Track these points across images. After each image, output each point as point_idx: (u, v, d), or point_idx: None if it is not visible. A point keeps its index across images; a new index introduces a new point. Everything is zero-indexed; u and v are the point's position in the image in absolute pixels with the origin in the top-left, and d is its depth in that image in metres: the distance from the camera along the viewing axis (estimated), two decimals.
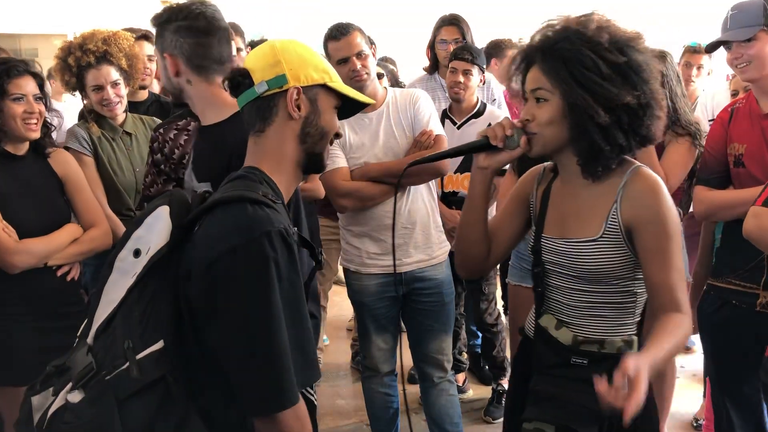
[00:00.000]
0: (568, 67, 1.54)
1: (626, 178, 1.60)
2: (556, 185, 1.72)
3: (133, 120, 3.00)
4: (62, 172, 2.47)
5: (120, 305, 1.28)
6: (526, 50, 1.65)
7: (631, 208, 1.58)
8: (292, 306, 1.27)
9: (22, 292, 2.32)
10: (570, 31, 1.57)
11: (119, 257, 1.32)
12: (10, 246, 2.23)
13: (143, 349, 1.24)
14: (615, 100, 1.52)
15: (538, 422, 1.62)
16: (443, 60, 3.69)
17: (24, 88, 2.30)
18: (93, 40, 2.81)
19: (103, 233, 2.50)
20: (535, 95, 1.60)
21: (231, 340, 1.24)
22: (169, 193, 1.38)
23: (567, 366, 1.61)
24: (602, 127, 1.53)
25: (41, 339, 2.32)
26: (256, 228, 1.24)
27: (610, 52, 1.54)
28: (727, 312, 2.33)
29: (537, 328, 1.70)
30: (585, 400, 1.55)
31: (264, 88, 1.39)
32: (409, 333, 2.85)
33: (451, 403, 2.83)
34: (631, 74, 1.55)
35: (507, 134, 1.60)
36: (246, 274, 1.23)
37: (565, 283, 1.68)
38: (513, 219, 1.78)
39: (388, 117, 2.66)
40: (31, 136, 2.35)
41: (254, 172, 1.40)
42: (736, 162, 2.31)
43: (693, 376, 3.86)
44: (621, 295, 1.64)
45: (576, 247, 1.62)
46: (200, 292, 1.25)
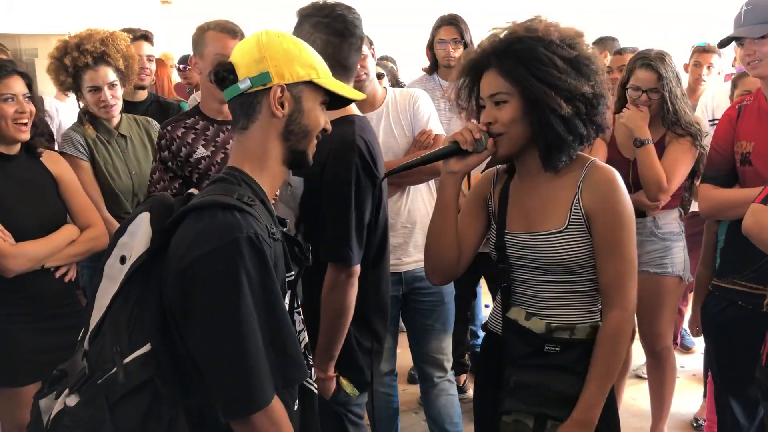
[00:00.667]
0: (525, 66, 1.60)
1: (585, 171, 1.68)
2: (515, 183, 1.77)
3: (128, 121, 2.95)
4: (56, 172, 2.45)
5: (107, 311, 1.31)
6: (474, 59, 1.70)
7: (591, 197, 1.65)
8: (267, 309, 1.28)
9: (20, 294, 2.30)
10: (519, 33, 1.64)
11: (107, 264, 1.35)
12: (6, 250, 2.21)
13: (130, 353, 1.26)
14: (574, 91, 1.60)
15: (517, 413, 1.67)
16: (442, 60, 3.69)
17: (13, 88, 2.28)
18: (91, 40, 2.76)
19: (100, 234, 2.48)
20: (493, 99, 1.65)
21: (202, 344, 1.26)
22: (151, 199, 1.40)
23: (540, 354, 1.66)
24: (564, 118, 1.61)
25: (39, 340, 2.32)
26: (225, 235, 1.25)
27: (561, 48, 1.62)
28: (732, 313, 2.32)
29: (506, 321, 1.74)
30: (561, 386, 1.65)
31: (247, 84, 1.37)
32: (409, 333, 2.85)
33: (450, 403, 2.83)
34: (583, 67, 1.63)
35: (475, 137, 1.64)
36: (214, 280, 1.24)
37: (532, 276, 1.72)
38: (475, 221, 1.82)
39: (388, 117, 2.66)
40: (21, 138, 2.32)
41: (234, 173, 1.39)
42: (743, 160, 2.28)
43: (693, 376, 3.86)
44: (586, 284, 1.70)
45: (542, 240, 1.67)
46: (174, 298, 1.27)
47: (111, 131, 2.86)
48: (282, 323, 1.31)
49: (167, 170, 2.36)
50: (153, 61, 3.70)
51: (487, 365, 1.86)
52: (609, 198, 1.64)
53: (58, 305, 2.40)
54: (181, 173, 2.35)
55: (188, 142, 2.34)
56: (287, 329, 1.32)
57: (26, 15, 6.67)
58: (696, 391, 3.62)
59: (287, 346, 1.31)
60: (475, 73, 1.70)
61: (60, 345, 2.30)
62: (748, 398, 2.33)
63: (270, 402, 1.28)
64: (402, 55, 5.51)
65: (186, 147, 2.33)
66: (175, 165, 2.34)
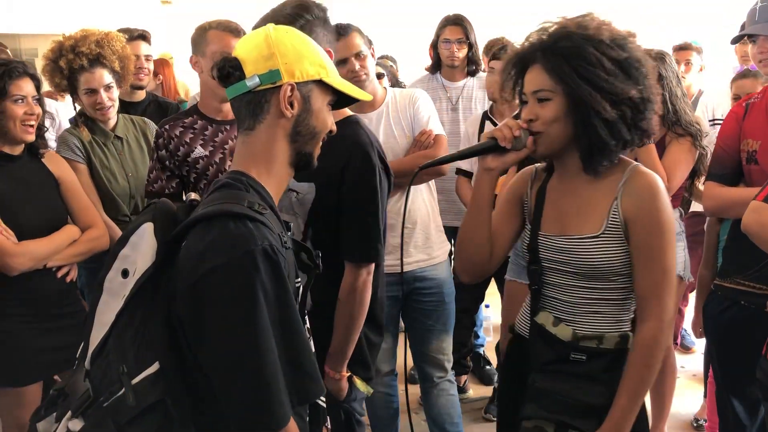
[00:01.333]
0: (571, 64, 1.55)
1: (626, 175, 1.62)
2: (553, 183, 1.72)
3: (124, 122, 2.93)
4: (58, 172, 2.46)
5: (111, 328, 1.25)
6: (521, 53, 1.65)
7: (630, 203, 1.59)
8: (283, 323, 1.22)
9: (21, 294, 2.31)
10: (570, 30, 1.58)
11: (108, 278, 1.27)
12: (9, 248, 2.22)
13: (138, 373, 1.20)
14: (620, 94, 1.54)
15: (538, 420, 1.63)
16: (446, 59, 3.70)
17: (24, 89, 2.29)
18: (86, 42, 2.73)
19: (101, 234, 2.49)
20: (536, 96, 1.60)
21: (217, 362, 1.20)
22: (152, 207, 1.31)
23: (566, 362, 1.62)
24: (608, 122, 1.55)
25: (40, 340, 2.32)
26: (238, 247, 1.18)
27: (611, 48, 1.56)
28: (734, 313, 2.30)
29: (533, 325, 1.70)
30: (584, 395, 1.59)
31: (256, 82, 1.30)
32: (410, 333, 2.84)
33: (451, 403, 2.83)
34: (632, 69, 1.57)
35: (515, 135, 1.60)
36: (228, 295, 1.18)
37: (563, 280, 1.68)
38: (509, 219, 1.78)
39: (388, 117, 2.66)
40: (27, 139, 2.33)
41: (240, 178, 1.31)
42: (749, 158, 2.26)
43: (693, 376, 3.86)
44: (619, 292, 1.65)
45: (577, 244, 1.63)
46: (185, 313, 1.21)
47: (107, 133, 2.85)
48: (298, 338, 1.25)
49: (164, 169, 2.34)
50: (151, 60, 3.70)
51: (512, 368, 1.81)
52: (650, 205, 1.58)
53: (59, 305, 2.40)
54: (179, 172, 2.34)
55: (186, 141, 2.33)
56: (304, 344, 1.27)
57: (26, 15, 6.67)
58: (696, 391, 3.62)
59: (304, 361, 1.26)
60: (521, 67, 1.65)
61: (61, 345, 2.31)
62: (749, 398, 2.33)
63: (289, 420, 1.22)
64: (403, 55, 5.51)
65: (184, 146, 2.33)
66: (172, 164, 2.33)
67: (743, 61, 3.83)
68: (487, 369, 3.90)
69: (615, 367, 1.61)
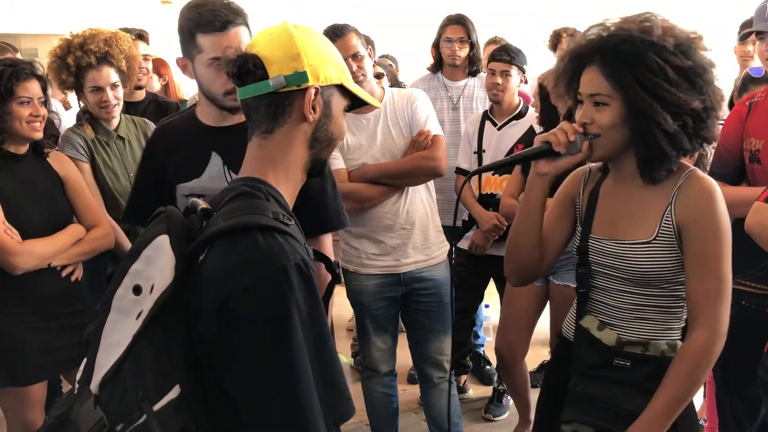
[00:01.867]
0: (632, 72, 1.48)
1: (682, 180, 1.56)
2: (606, 185, 1.68)
3: (126, 123, 2.94)
4: (62, 172, 2.47)
5: (128, 351, 1.13)
6: (578, 50, 1.58)
7: (684, 209, 1.54)
8: (317, 342, 1.13)
9: (25, 293, 2.31)
10: (632, 32, 1.51)
11: (117, 295, 1.16)
12: (13, 247, 2.22)
13: (159, 399, 1.10)
14: (683, 106, 1.48)
15: (577, 424, 1.60)
16: (447, 58, 3.71)
17: (31, 91, 2.30)
18: (94, 40, 2.75)
19: (106, 233, 2.50)
20: (593, 99, 1.54)
21: (248, 386, 1.11)
22: (164, 216, 1.18)
23: (609, 367, 1.59)
24: (669, 133, 1.49)
25: (44, 339, 2.32)
26: (270, 262, 1.10)
27: (675, 56, 1.49)
28: (735, 313, 2.26)
29: (578, 328, 1.67)
30: (626, 402, 1.55)
31: (281, 83, 1.22)
32: (409, 333, 2.84)
33: (451, 403, 2.83)
34: (697, 78, 1.51)
35: (570, 140, 1.55)
36: (261, 314, 1.09)
37: (611, 284, 1.64)
38: (562, 221, 1.74)
39: (386, 117, 2.65)
40: (35, 137, 2.35)
41: (260, 186, 1.23)
42: (751, 158, 2.25)
43: None
44: (669, 299, 1.60)
45: (627, 249, 1.59)
46: (212, 335, 1.11)
47: (110, 133, 2.86)
48: (332, 356, 1.17)
49: None
50: (149, 60, 3.71)
51: (556, 371, 1.78)
52: (705, 210, 1.52)
53: (63, 305, 2.40)
54: None
55: None
56: (337, 362, 1.19)
57: (26, 15, 6.67)
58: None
59: (338, 380, 1.18)
60: (578, 64, 1.58)
61: (65, 345, 2.32)
62: (750, 398, 2.33)
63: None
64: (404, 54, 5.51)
65: None
66: None
67: (742, 61, 3.83)
68: (487, 369, 3.90)
69: (659, 376, 1.54)
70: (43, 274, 2.33)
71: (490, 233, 3.14)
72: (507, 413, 3.52)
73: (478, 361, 3.96)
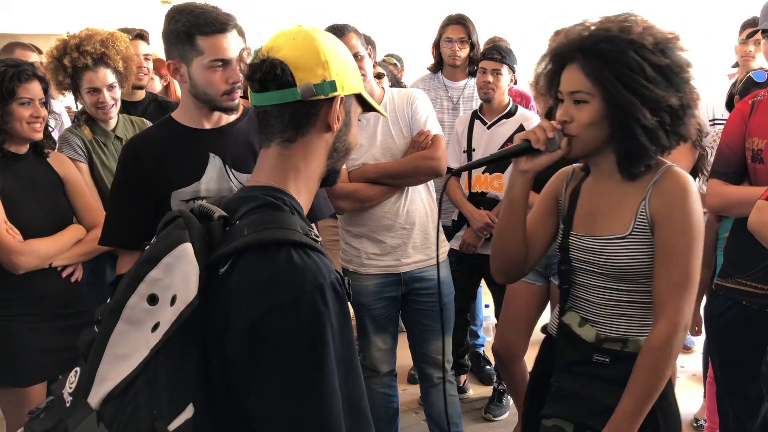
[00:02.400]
0: (612, 69, 1.51)
1: (658, 175, 1.60)
2: (587, 183, 1.72)
3: (124, 123, 2.94)
4: (62, 172, 2.47)
5: (144, 366, 1.05)
6: (559, 49, 1.61)
7: (658, 202, 1.57)
8: (346, 363, 1.09)
9: (26, 293, 2.31)
10: (611, 31, 1.54)
11: (129, 304, 1.07)
12: (15, 246, 2.23)
13: (173, 418, 1.02)
14: (661, 102, 1.51)
15: (558, 419, 1.63)
16: (447, 58, 3.71)
17: (32, 92, 2.31)
18: (90, 41, 2.75)
19: None
20: (573, 97, 1.57)
21: (275, 408, 1.05)
22: (183, 222, 1.10)
23: (589, 363, 1.61)
24: (647, 128, 1.52)
25: (45, 340, 2.32)
26: (307, 281, 1.05)
27: (653, 54, 1.52)
28: (736, 313, 2.29)
29: (560, 325, 1.70)
30: (605, 398, 1.57)
31: (310, 92, 1.17)
32: (409, 333, 2.84)
33: (450, 404, 2.83)
34: (674, 76, 1.54)
35: (549, 137, 1.57)
36: (296, 335, 1.03)
37: (591, 280, 1.67)
38: (546, 219, 1.77)
39: (386, 117, 2.65)
40: (35, 137, 2.35)
41: (283, 197, 1.17)
42: (754, 157, 2.24)
43: (693, 376, 3.86)
44: (646, 294, 1.62)
45: (604, 245, 1.62)
46: (239, 353, 1.05)
47: (108, 133, 2.86)
48: (359, 380, 1.13)
49: None
50: (150, 60, 3.71)
51: (542, 368, 1.80)
52: (678, 205, 1.55)
53: (64, 305, 2.40)
54: None
55: None
56: (362, 386, 1.14)
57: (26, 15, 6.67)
58: (696, 391, 3.62)
59: (364, 406, 1.13)
60: (559, 63, 1.61)
61: (65, 345, 2.31)
62: (750, 398, 2.32)
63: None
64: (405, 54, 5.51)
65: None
66: None
67: (743, 61, 3.83)
68: (487, 369, 3.90)
69: None
70: (44, 274, 2.33)
71: (482, 231, 3.15)
72: (507, 413, 3.52)
73: (478, 361, 3.96)
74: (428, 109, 2.71)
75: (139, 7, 6.75)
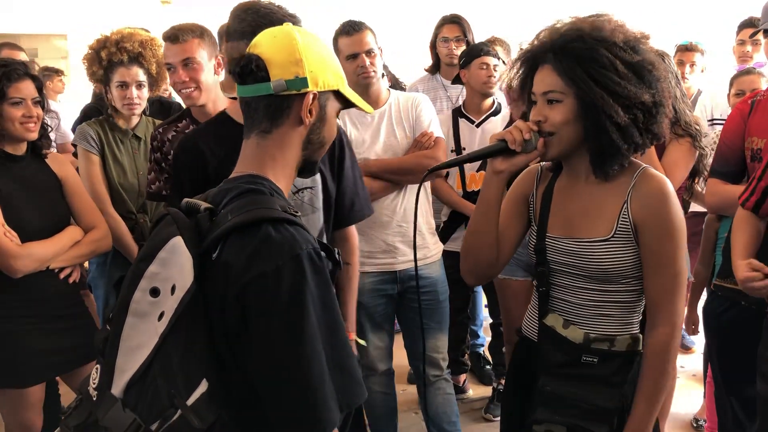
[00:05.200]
0: (584, 67, 1.53)
1: (635, 178, 1.61)
2: (560, 184, 1.71)
3: (146, 124, 3.01)
4: (61, 173, 2.45)
5: (156, 352, 1.17)
6: (532, 51, 1.62)
7: (640, 207, 1.58)
8: (329, 327, 1.18)
9: (24, 295, 2.30)
10: (583, 31, 1.56)
11: (134, 299, 1.19)
12: (13, 250, 2.21)
13: (189, 395, 1.14)
14: (633, 98, 1.52)
15: (549, 423, 1.61)
16: (444, 58, 3.72)
17: (23, 91, 2.28)
18: (131, 40, 2.87)
19: (103, 235, 2.49)
20: (547, 97, 1.58)
21: (264, 370, 1.17)
22: (171, 219, 1.22)
23: (577, 365, 1.61)
24: (620, 126, 1.53)
25: (43, 341, 2.31)
26: (284, 252, 1.15)
27: (624, 52, 1.54)
28: (735, 313, 2.29)
29: (542, 328, 1.68)
30: (596, 398, 1.58)
31: (282, 87, 1.27)
32: (405, 332, 2.85)
33: (448, 402, 2.82)
34: (645, 73, 1.55)
35: (525, 137, 1.57)
36: (276, 301, 1.14)
37: (572, 282, 1.67)
38: (515, 220, 1.76)
39: (390, 116, 2.68)
40: (29, 137, 2.33)
41: (263, 182, 1.28)
42: (753, 156, 2.24)
43: (693, 376, 3.86)
44: (629, 294, 1.64)
45: (586, 247, 1.62)
46: (234, 322, 1.17)
47: (126, 131, 2.93)
48: (344, 342, 1.22)
49: (162, 171, 2.36)
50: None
51: (520, 373, 1.80)
52: (660, 209, 1.57)
53: (62, 306, 2.39)
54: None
55: None
56: (348, 347, 1.23)
57: (26, 15, 6.67)
58: (696, 391, 3.62)
59: (349, 364, 1.22)
60: (531, 65, 1.63)
61: (63, 346, 2.32)
62: (749, 398, 2.32)
63: (336, 424, 1.18)
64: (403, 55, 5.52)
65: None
66: (167, 166, 2.34)
67: (741, 61, 3.84)
68: (487, 369, 3.90)
69: (626, 370, 1.60)
70: (42, 276, 2.32)
71: None
72: None
73: (477, 361, 3.96)
74: (432, 113, 2.76)
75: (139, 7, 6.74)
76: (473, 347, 3.98)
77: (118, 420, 1.17)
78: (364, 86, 2.60)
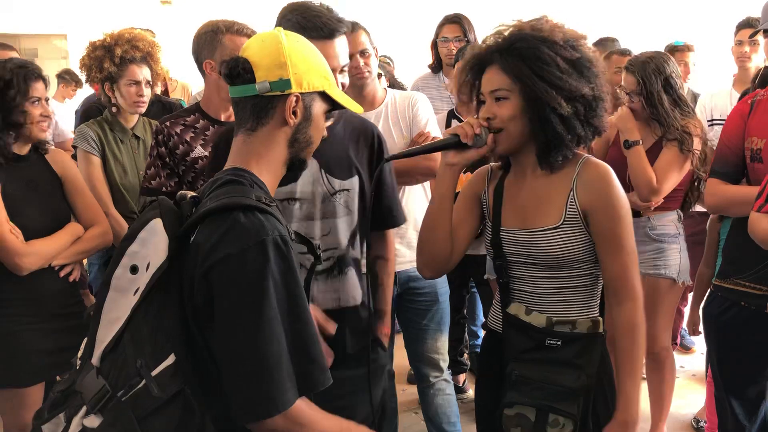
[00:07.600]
0: (528, 64, 1.62)
1: (578, 168, 1.70)
2: (510, 180, 1.79)
3: (143, 124, 3.04)
4: (61, 171, 2.47)
5: (127, 324, 1.26)
6: (478, 55, 1.72)
7: (586, 194, 1.68)
8: (291, 313, 1.26)
9: (25, 293, 2.31)
10: (525, 32, 1.67)
11: (115, 275, 1.29)
12: (19, 248, 2.22)
13: (156, 366, 1.22)
14: (574, 91, 1.63)
15: (519, 406, 1.67)
16: (445, 57, 3.73)
17: (39, 91, 2.33)
18: (142, 39, 2.96)
19: (104, 232, 2.50)
20: (494, 95, 1.67)
21: (224, 346, 1.24)
22: (156, 204, 1.33)
23: (541, 349, 1.68)
24: (563, 117, 1.63)
25: (43, 340, 2.32)
26: (250, 237, 1.23)
27: (564, 49, 1.64)
28: (734, 314, 2.28)
29: (506, 317, 1.75)
30: (562, 379, 1.65)
31: (266, 88, 1.36)
32: (404, 333, 2.85)
33: (448, 403, 2.82)
34: (585, 69, 1.66)
35: (476, 132, 1.66)
36: (238, 282, 1.22)
37: (529, 272, 1.74)
38: (468, 217, 1.84)
39: (387, 117, 2.67)
40: (42, 136, 2.38)
41: (243, 174, 1.36)
42: (753, 156, 2.23)
43: (692, 376, 3.86)
44: (584, 279, 1.73)
45: (538, 236, 1.69)
46: (198, 302, 1.25)
47: (126, 130, 2.97)
48: (307, 327, 1.28)
49: (165, 166, 2.31)
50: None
51: (488, 364, 1.86)
52: (605, 194, 1.67)
53: (61, 305, 2.40)
54: (178, 170, 2.31)
55: (186, 140, 2.30)
56: (311, 333, 1.29)
57: (26, 15, 6.68)
58: (696, 391, 3.62)
59: (312, 350, 1.28)
60: (478, 68, 1.72)
61: (63, 346, 2.31)
62: (749, 399, 2.32)
63: (290, 405, 1.24)
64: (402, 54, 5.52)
65: (184, 144, 2.30)
66: (172, 161, 2.31)
67: (740, 62, 3.84)
68: None
69: (588, 351, 1.68)
70: (42, 274, 2.33)
71: None
72: None
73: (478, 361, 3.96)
74: (429, 112, 2.74)
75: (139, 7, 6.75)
76: (473, 347, 3.98)
77: (90, 385, 1.26)
78: (358, 87, 2.59)
